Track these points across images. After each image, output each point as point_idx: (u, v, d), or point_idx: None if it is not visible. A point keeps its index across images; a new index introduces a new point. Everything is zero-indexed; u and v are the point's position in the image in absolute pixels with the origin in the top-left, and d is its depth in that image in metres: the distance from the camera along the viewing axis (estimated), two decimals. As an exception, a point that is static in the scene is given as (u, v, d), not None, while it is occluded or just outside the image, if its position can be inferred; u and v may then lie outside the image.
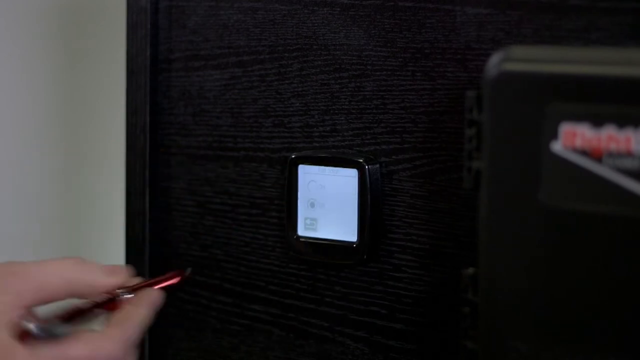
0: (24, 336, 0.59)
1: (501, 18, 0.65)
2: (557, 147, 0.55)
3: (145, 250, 0.82)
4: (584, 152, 0.54)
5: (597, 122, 0.54)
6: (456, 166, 0.67)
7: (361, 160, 0.70)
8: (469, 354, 0.59)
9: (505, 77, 0.56)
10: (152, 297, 0.65)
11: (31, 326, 0.59)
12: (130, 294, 0.64)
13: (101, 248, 1.08)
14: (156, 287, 0.67)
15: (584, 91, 0.54)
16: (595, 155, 0.54)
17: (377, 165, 0.71)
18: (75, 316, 0.62)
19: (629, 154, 0.53)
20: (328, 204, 0.72)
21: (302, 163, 0.73)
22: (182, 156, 0.81)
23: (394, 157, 0.71)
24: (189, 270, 0.69)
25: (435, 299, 0.69)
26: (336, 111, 0.73)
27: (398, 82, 0.70)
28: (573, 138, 0.54)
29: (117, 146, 0.91)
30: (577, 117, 0.54)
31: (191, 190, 0.81)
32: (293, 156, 0.73)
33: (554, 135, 0.55)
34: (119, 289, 0.64)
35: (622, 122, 0.53)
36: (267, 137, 0.76)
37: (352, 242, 0.71)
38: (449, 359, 0.69)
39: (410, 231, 0.70)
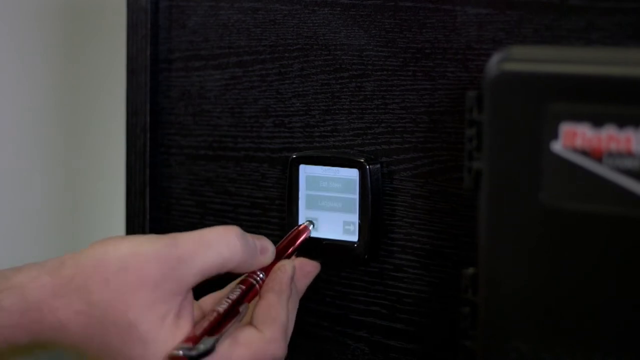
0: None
1: (501, 18, 0.65)
2: (557, 147, 0.55)
3: (146, 250, 0.82)
4: (584, 152, 0.54)
5: (597, 122, 0.54)
6: (457, 166, 0.67)
7: (362, 160, 0.70)
8: (469, 353, 0.59)
9: (506, 77, 0.56)
10: (289, 278, 0.64)
11: (180, 353, 0.58)
12: (263, 273, 0.64)
13: (101, 248, 1.08)
14: (289, 252, 0.67)
15: (584, 91, 0.54)
16: (596, 155, 0.54)
17: (378, 165, 0.71)
18: (221, 326, 0.61)
19: (629, 154, 0.53)
20: (328, 204, 0.72)
21: (303, 163, 0.73)
22: (182, 156, 0.81)
23: (394, 157, 0.71)
24: (308, 222, 0.70)
25: (436, 299, 0.69)
26: (337, 111, 0.73)
27: (399, 82, 0.70)
28: (573, 138, 0.54)
29: (117, 146, 0.91)
30: (577, 117, 0.54)
31: (191, 190, 0.81)
32: (294, 156, 0.73)
33: (554, 135, 0.55)
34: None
35: (622, 122, 0.53)
36: (268, 137, 0.76)
37: (353, 242, 0.71)
38: (449, 359, 0.69)
39: (410, 231, 0.70)
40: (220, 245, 0.60)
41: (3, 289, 0.58)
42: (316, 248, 0.72)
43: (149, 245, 0.59)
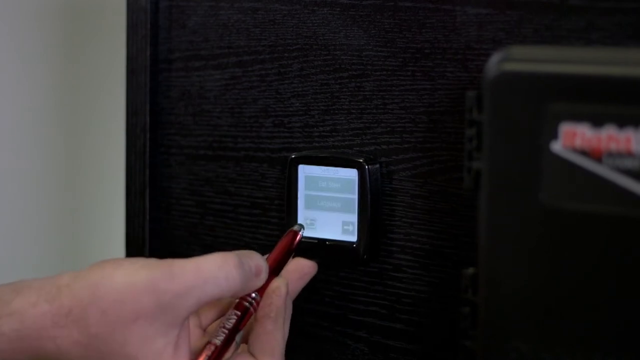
0: None
1: (501, 18, 0.65)
2: (557, 147, 0.55)
3: (145, 250, 0.82)
4: (584, 152, 0.54)
5: (597, 122, 0.53)
6: (456, 166, 0.67)
7: (361, 160, 0.70)
8: (469, 353, 0.59)
9: (505, 77, 0.56)
10: (284, 300, 0.63)
11: None
12: (257, 294, 0.63)
13: (101, 248, 1.08)
14: (283, 257, 0.66)
15: (584, 91, 0.54)
16: (595, 155, 0.54)
17: (377, 165, 0.71)
18: (220, 358, 0.61)
19: (629, 154, 0.53)
20: (327, 204, 0.72)
21: (302, 163, 0.73)
22: (182, 156, 0.81)
23: (394, 157, 0.71)
24: (298, 226, 0.69)
25: (436, 299, 0.69)
26: (336, 111, 0.73)
27: (398, 82, 0.70)
28: (573, 138, 0.54)
29: (117, 146, 0.91)
30: (577, 117, 0.54)
31: (191, 190, 0.81)
32: (293, 156, 0.73)
33: (554, 135, 0.54)
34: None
35: (622, 122, 0.53)
36: (268, 137, 0.76)
37: (352, 242, 0.71)
38: (449, 359, 0.69)
39: (410, 231, 0.70)
40: (219, 278, 0.59)
41: (2, 314, 0.58)
42: (315, 248, 0.72)
43: (145, 274, 0.58)
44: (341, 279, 0.74)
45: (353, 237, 0.71)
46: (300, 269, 0.68)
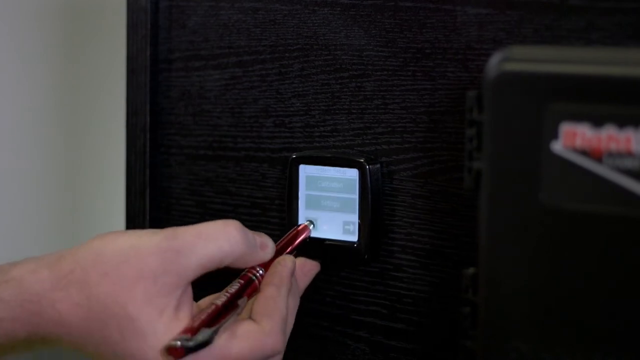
0: (174, 352, 0.57)
1: (501, 18, 0.65)
2: (557, 147, 0.55)
3: (146, 250, 0.82)
4: (584, 152, 0.54)
5: (597, 122, 0.54)
6: (457, 166, 0.67)
7: (362, 160, 0.70)
8: (469, 353, 0.59)
9: (506, 77, 0.56)
10: (289, 272, 0.63)
11: (178, 344, 0.57)
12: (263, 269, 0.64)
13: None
14: (288, 250, 0.67)
15: (584, 91, 0.54)
16: (595, 155, 0.54)
17: (378, 165, 0.71)
18: (220, 318, 0.60)
19: (629, 154, 0.53)
20: (328, 204, 0.72)
21: (303, 163, 0.73)
22: (182, 156, 0.81)
23: (394, 157, 0.71)
24: (308, 222, 0.70)
25: (436, 299, 0.69)
26: (337, 111, 0.73)
27: (399, 82, 0.70)
28: (573, 138, 0.54)
29: (117, 146, 0.91)
30: (577, 117, 0.54)
31: (191, 190, 0.81)
32: (294, 156, 0.73)
33: (554, 135, 0.55)
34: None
35: (622, 122, 0.53)
36: (268, 137, 0.76)
37: (353, 242, 0.71)
38: (449, 359, 0.69)
39: (410, 231, 0.70)
40: (220, 238, 0.60)
41: (1, 281, 0.58)
42: (316, 248, 0.72)
43: (148, 238, 0.59)
44: (342, 279, 0.74)
45: (354, 237, 0.71)
46: (303, 267, 0.68)
